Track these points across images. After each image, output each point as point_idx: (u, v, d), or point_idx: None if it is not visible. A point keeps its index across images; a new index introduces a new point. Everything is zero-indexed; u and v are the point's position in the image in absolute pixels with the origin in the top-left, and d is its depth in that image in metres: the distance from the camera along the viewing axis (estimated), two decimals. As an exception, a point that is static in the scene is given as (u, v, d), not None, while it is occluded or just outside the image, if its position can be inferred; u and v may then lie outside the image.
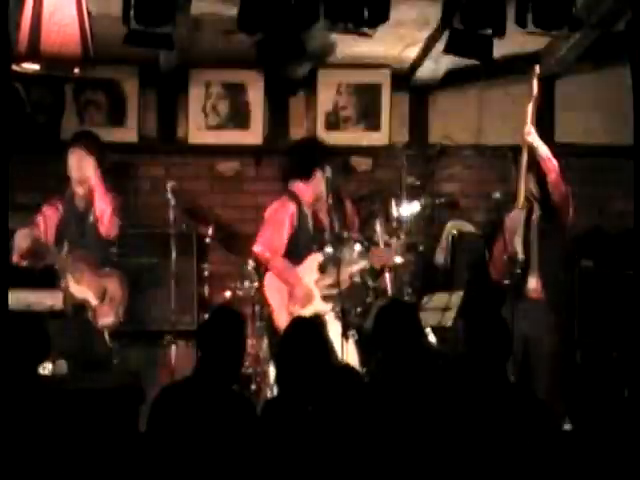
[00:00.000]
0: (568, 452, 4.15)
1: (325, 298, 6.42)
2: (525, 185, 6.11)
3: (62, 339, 6.15)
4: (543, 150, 6.18)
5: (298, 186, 6.56)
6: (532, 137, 6.17)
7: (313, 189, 6.53)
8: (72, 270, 6.26)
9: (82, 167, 6.37)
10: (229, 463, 4.12)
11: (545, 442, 4.15)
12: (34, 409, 4.27)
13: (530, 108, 6.19)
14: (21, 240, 6.12)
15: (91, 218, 6.42)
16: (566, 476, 4.07)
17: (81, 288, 6.27)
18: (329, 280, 6.37)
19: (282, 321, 6.22)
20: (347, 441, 3.99)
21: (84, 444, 4.40)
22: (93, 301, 6.30)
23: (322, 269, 6.40)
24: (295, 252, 6.49)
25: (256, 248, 6.49)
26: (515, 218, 6.09)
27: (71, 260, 6.27)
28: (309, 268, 6.43)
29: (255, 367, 6.58)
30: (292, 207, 6.52)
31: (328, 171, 6.35)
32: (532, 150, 6.15)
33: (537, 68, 6.24)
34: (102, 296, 6.34)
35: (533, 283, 6.07)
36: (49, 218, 6.39)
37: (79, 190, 6.43)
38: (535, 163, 6.13)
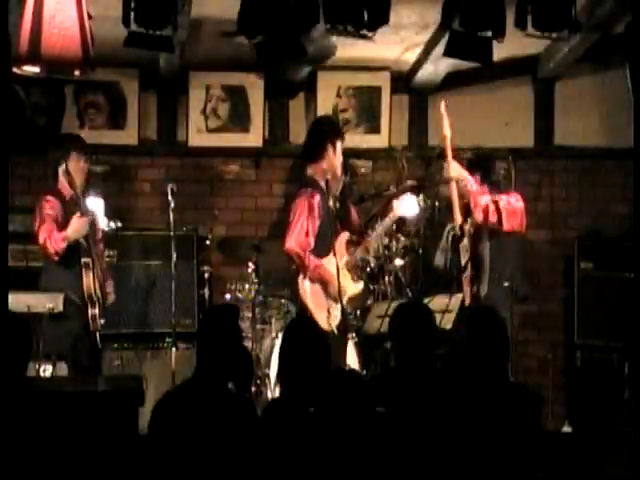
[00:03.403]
0: (568, 454, 4.16)
1: (356, 278, 6.42)
2: (461, 213, 6.37)
3: (63, 341, 6.21)
4: (470, 184, 6.35)
5: (313, 169, 6.52)
6: (455, 172, 6.35)
7: (328, 166, 6.49)
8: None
9: (83, 171, 6.42)
10: (230, 466, 4.12)
11: (545, 441, 4.18)
12: (28, 411, 4.28)
13: (448, 144, 6.36)
14: (82, 228, 6.21)
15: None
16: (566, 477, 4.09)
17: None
18: (357, 255, 6.40)
19: (323, 321, 6.18)
20: (348, 443, 3.99)
21: (83, 446, 4.40)
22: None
23: (349, 248, 6.38)
24: (324, 240, 6.35)
25: (288, 245, 6.34)
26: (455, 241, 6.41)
27: None
28: (339, 252, 6.30)
29: (255, 369, 6.58)
30: (317, 196, 6.40)
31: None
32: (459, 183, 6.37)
33: (442, 105, 6.44)
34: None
35: (485, 289, 6.34)
36: (53, 209, 6.36)
37: (74, 194, 6.40)
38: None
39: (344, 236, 6.47)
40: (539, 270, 7.88)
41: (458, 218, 6.38)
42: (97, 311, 6.26)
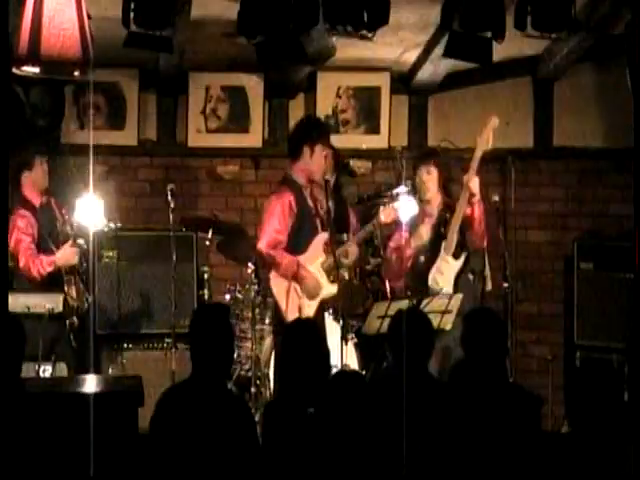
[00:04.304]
0: (567, 455, 4.16)
1: (332, 280, 6.19)
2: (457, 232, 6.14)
3: (62, 342, 6.21)
4: (480, 204, 6.13)
5: (292, 168, 6.28)
6: (476, 187, 6.09)
7: (304, 168, 6.21)
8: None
9: (46, 175, 6.40)
10: (229, 466, 4.12)
11: (544, 442, 4.17)
12: (27, 412, 4.28)
13: (479, 155, 6.11)
14: (71, 258, 6.21)
15: (61, 223, 6.40)
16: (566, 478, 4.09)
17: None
18: (333, 258, 6.12)
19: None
20: (348, 444, 3.99)
21: (83, 447, 4.40)
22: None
23: (327, 249, 6.13)
24: (300, 239, 6.18)
25: (259, 245, 6.14)
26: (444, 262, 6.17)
27: None
28: (316, 251, 6.15)
29: (255, 370, 6.59)
30: (289, 195, 6.16)
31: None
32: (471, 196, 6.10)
33: (495, 120, 6.16)
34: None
35: None
36: (28, 227, 6.34)
37: (43, 199, 6.40)
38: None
39: (322, 236, 6.26)
40: (539, 271, 7.89)
41: (452, 247, 6.22)
42: (75, 319, 6.26)
